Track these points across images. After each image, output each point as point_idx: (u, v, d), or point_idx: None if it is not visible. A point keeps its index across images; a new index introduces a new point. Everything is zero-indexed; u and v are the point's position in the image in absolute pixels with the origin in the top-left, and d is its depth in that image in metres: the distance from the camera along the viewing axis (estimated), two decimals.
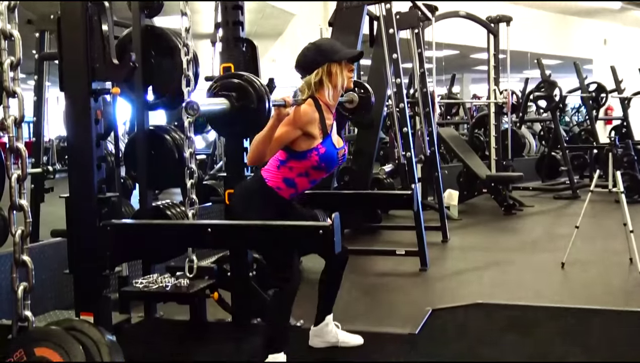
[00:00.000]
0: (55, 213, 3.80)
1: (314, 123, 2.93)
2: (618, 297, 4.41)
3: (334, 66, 2.99)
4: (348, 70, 3.05)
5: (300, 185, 3.01)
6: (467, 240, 6.67)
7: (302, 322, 3.60)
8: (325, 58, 2.98)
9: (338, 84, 3.01)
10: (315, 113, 2.94)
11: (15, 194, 2.44)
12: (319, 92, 3.00)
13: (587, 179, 10.62)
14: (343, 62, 3.01)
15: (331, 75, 2.99)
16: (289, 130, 2.86)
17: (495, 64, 9.06)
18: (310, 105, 2.95)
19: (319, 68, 2.98)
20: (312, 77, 2.99)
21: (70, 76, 2.60)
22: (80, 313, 2.60)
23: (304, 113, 2.90)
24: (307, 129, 2.91)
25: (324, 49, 3.01)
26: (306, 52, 3.04)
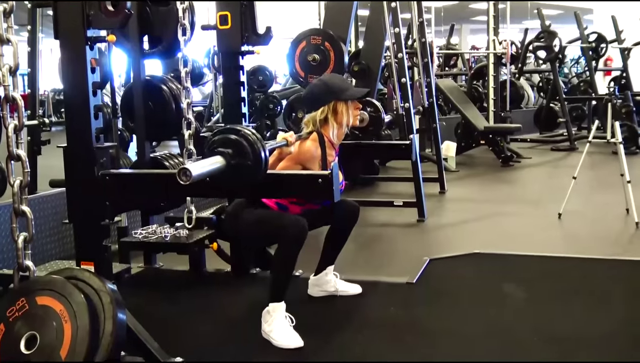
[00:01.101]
0: (53, 166, 3.79)
1: (315, 160, 2.95)
2: (614, 247, 4.45)
3: (340, 105, 2.99)
4: (355, 108, 3.06)
5: (291, 211, 3.02)
6: (464, 191, 6.68)
7: (301, 271, 3.63)
8: (332, 96, 2.99)
9: (344, 122, 3.02)
10: (318, 150, 2.96)
11: (13, 144, 2.42)
12: (323, 128, 3.01)
13: (585, 130, 10.59)
14: (350, 100, 3.00)
15: (337, 113, 3.00)
16: (289, 166, 2.88)
17: (494, 13, 8.94)
18: (315, 140, 2.96)
19: (325, 105, 2.98)
20: (318, 113, 3.00)
21: (64, 24, 2.56)
22: (81, 263, 2.62)
23: (306, 150, 2.92)
24: (307, 165, 2.93)
25: (331, 86, 3.01)
26: (314, 88, 3.05)
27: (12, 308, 2.22)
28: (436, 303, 3.31)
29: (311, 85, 3.10)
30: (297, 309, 2.93)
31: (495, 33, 8.97)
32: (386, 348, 2.79)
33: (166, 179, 2.76)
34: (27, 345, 2.14)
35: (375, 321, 3.09)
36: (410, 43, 8.49)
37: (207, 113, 9.47)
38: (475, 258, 4.07)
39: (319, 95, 3.01)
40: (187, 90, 3.67)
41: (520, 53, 10.42)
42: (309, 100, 3.07)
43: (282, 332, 2.79)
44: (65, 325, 2.13)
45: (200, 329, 3.02)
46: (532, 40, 10.16)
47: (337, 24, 5.66)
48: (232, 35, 3.77)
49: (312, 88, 3.08)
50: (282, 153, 2.80)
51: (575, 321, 3.03)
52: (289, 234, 2.78)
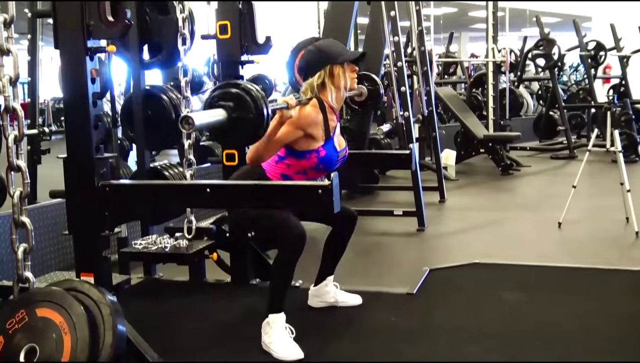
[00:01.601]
0: (53, 175, 3.78)
1: (317, 125, 2.91)
2: (614, 256, 4.44)
3: (336, 68, 2.97)
4: (351, 70, 3.03)
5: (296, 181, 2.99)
6: (464, 200, 6.68)
7: (301, 282, 3.62)
8: (327, 60, 2.96)
9: (341, 86, 2.99)
10: (319, 114, 2.93)
11: (13, 155, 2.42)
12: (322, 94, 2.99)
13: (585, 138, 10.60)
14: (346, 63, 3.00)
15: (334, 77, 2.97)
16: (290, 131, 2.84)
17: (493, 21, 8.96)
18: (315, 106, 2.93)
19: (321, 70, 2.96)
20: (315, 79, 2.97)
21: (65, 34, 2.56)
22: (81, 274, 2.61)
23: (307, 114, 2.88)
24: (310, 130, 2.89)
25: (325, 51, 2.99)
26: (308, 56, 3.03)
27: (11, 320, 2.21)
28: (437, 314, 3.30)
29: (306, 53, 3.05)
30: (297, 320, 2.91)
31: (494, 41, 8.99)
32: (387, 359, 2.78)
33: (166, 190, 2.76)
34: (26, 357, 2.14)
35: (375, 332, 3.08)
36: (410, 51, 8.51)
37: None
38: (475, 268, 4.05)
39: (315, 61, 2.98)
40: (187, 99, 3.68)
41: (519, 61, 10.44)
42: (305, 68, 3.03)
43: (282, 344, 2.78)
44: (65, 337, 2.12)
45: (200, 341, 3.00)
46: (531, 48, 10.18)
47: (336, 32, 5.66)
48: (231, 44, 3.77)
49: (307, 55, 3.04)
50: (282, 116, 2.76)
51: (576, 331, 3.02)
52: (288, 237, 2.78)
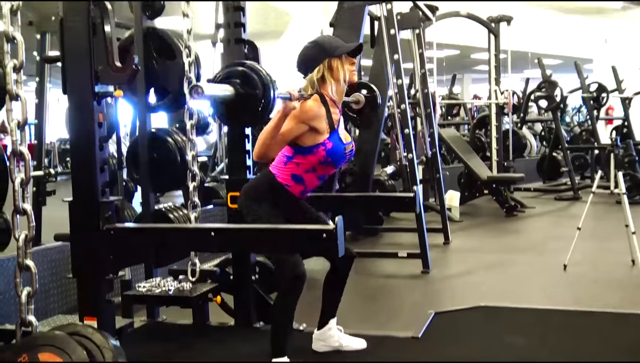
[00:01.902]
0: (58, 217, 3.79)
1: (321, 118, 2.92)
2: (621, 299, 4.40)
3: (334, 61, 2.97)
4: (349, 63, 3.04)
5: (308, 182, 3.00)
6: (469, 242, 6.65)
7: (304, 325, 3.59)
8: (325, 54, 2.97)
9: (340, 78, 2.99)
10: (322, 108, 2.93)
11: (19, 198, 2.43)
12: (322, 88, 2.99)
13: (589, 179, 10.61)
14: (344, 56, 3.00)
15: (333, 70, 2.98)
16: (294, 125, 2.85)
17: (496, 64, 9.05)
18: (316, 100, 2.94)
19: (319, 65, 2.97)
20: (314, 73, 2.97)
21: (73, 79, 2.60)
22: (84, 318, 2.60)
23: (309, 108, 2.89)
24: (314, 123, 2.90)
25: (323, 45, 3.00)
26: (306, 51, 3.03)
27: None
28: (442, 359, 3.25)
29: (303, 49, 3.05)
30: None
31: (496, 83, 9.07)
32: None
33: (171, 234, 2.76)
34: None
35: None
36: (413, 93, 8.58)
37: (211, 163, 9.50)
38: (480, 311, 4.02)
39: (313, 56, 2.98)
40: (193, 142, 3.70)
41: (522, 103, 10.52)
42: (303, 63, 3.02)
43: None
44: None
45: None
46: (533, 90, 10.27)
47: None
48: None
49: (304, 51, 3.03)
50: (286, 108, 2.76)
51: None
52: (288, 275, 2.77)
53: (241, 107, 2.47)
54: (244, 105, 2.46)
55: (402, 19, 6.53)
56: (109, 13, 2.61)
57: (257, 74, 2.47)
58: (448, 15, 8.41)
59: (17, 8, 2.43)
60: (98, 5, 2.60)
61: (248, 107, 2.46)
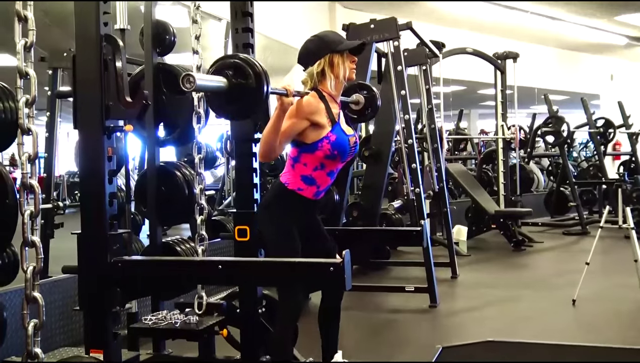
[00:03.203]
0: (65, 249, 3.80)
1: (320, 112, 2.91)
2: (630, 334, 4.36)
3: (336, 57, 2.98)
4: (350, 61, 3.04)
5: (319, 180, 2.98)
6: (476, 276, 6.62)
7: (311, 359, 3.56)
8: (327, 48, 2.98)
9: (340, 75, 3.00)
10: (320, 103, 2.93)
11: (28, 230, 2.45)
12: (321, 83, 3.00)
13: (597, 214, 10.56)
14: (345, 53, 3.01)
15: (333, 66, 2.98)
16: (295, 121, 2.85)
17: (502, 99, 9.10)
18: (314, 96, 2.94)
19: (321, 59, 2.98)
20: (315, 67, 2.98)
21: (84, 113, 2.64)
22: (90, 350, 2.59)
23: (307, 103, 2.89)
24: (314, 118, 2.89)
25: (326, 39, 3.01)
26: (308, 44, 3.04)
27: None
28: None
29: (306, 42, 3.05)
30: None
31: (503, 118, 9.11)
32: None
33: (178, 266, 2.77)
34: None
35: None
36: (420, 128, 8.63)
37: (219, 196, 9.55)
38: (488, 346, 3.99)
39: (315, 50, 2.99)
40: (201, 175, 3.73)
41: (528, 138, 10.54)
42: (305, 56, 3.03)
43: None
44: None
45: None
46: (540, 126, 10.31)
47: None
48: (245, 123, 3.84)
49: (307, 44, 3.04)
50: (283, 103, 2.74)
51: None
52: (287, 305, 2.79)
53: (235, 98, 2.47)
54: (238, 96, 2.46)
55: (409, 55, 6.62)
56: (120, 49, 2.67)
57: (250, 65, 2.48)
58: (454, 52, 8.49)
59: (31, 44, 2.48)
60: (109, 41, 2.65)
61: (242, 98, 2.46)
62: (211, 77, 2.44)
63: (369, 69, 6.07)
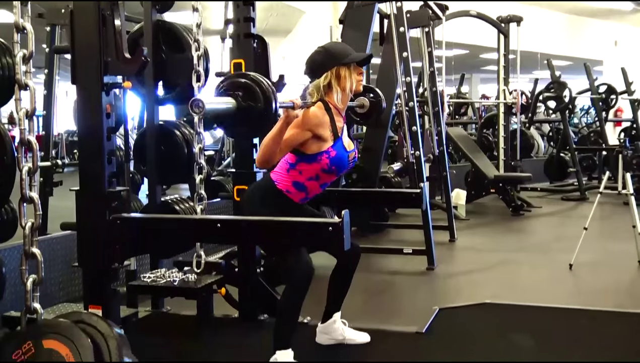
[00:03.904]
0: (64, 207, 3.81)
1: (324, 125, 2.93)
2: (626, 299, 4.39)
3: (342, 69, 2.99)
4: (357, 73, 3.05)
5: (310, 189, 3.01)
6: (474, 240, 6.64)
7: (309, 318, 3.60)
8: (334, 61, 2.98)
9: (347, 87, 3.01)
10: (325, 116, 2.94)
11: (26, 186, 2.45)
12: (328, 95, 3.00)
13: (596, 180, 10.57)
14: (352, 65, 3.02)
15: (340, 79, 2.99)
16: (298, 132, 2.86)
17: (505, 64, 9.01)
18: (320, 108, 2.95)
19: (327, 71, 2.98)
20: (321, 80, 2.99)
21: (82, 70, 2.61)
22: (89, 306, 2.61)
23: (313, 115, 2.90)
24: (317, 131, 2.90)
25: (333, 52, 3.02)
26: (315, 56, 3.04)
27: (18, 351, 2.21)
28: (445, 355, 3.26)
29: (312, 54, 3.06)
30: (305, 357, 2.89)
31: (505, 83, 9.03)
32: None
33: (177, 224, 2.77)
34: None
35: None
36: (421, 91, 8.57)
37: (218, 157, 9.54)
38: (485, 308, 4.02)
39: (322, 62, 3.00)
40: (200, 135, 3.71)
41: (530, 103, 10.47)
42: (311, 68, 3.04)
43: None
44: None
45: None
46: (542, 91, 10.23)
47: None
48: None
49: (313, 56, 3.04)
50: (288, 116, 2.76)
51: None
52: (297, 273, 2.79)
53: (243, 120, 2.46)
54: (246, 118, 2.45)
55: (412, 17, 6.52)
56: (118, 5, 2.63)
57: (259, 86, 2.46)
58: (458, 15, 8.39)
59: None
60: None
61: (250, 120, 2.45)
62: (220, 99, 2.41)
63: (371, 30, 6.00)
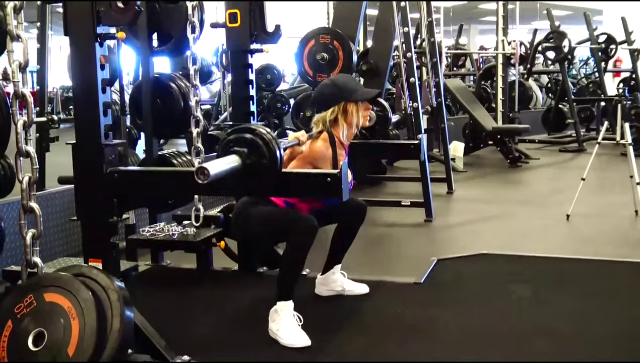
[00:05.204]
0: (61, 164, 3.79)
1: (326, 160, 2.95)
2: (623, 249, 4.42)
3: (350, 105, 2.99)
4: (364, 109, 3.05)
5: (300, 208, 3.01)
6: (472, 192, 6.66)
7: (307, 271, 3.62)
8: (342, 96, 2.98)
9: (353, 123, 3.01)
10: (329, 149, 2.96)
11: (22, 141, 2.42)
12: (333, 128, 3.00)
13: (594, 132, 10.54)
14: (360, 101, 3.00)
15: (347, 114, 2.99)
16: (301, 165, 2.87)
17: (503, 14, 8.89)
18: (325, 140, 2.96)
19: (335, 106, 2.97)
20: (328, 113, 2.99)
21: (75, 21, 2.55)
22: (89, 260, 2.61)
23: (318, 150, 2.93)
24: (319, 164, 2.93)
25: (341, 87, 3.01)
26: (324, 89, 3.05)
27: (20, 305, 2.22)
28: (443, 304, 3.29)
29: (321, 86, 3.09)
30: (305, 308, 2.92)
31: (504, 33, 8.93)
32: (392, 348, 2.78)
33: (174, 177, 2.76)
34: (34, 342, 2.14)
35: (382, 321, 3.08)
36: (419, 42, 8.48)
37: (215, 111, 9.47)
38: (483, 258, 4.05)
39: (329, 96, 3.01)
40: (196, 88, 3.67)
41: (529, 54, 10.36)
42: (319, 101, 3.07)
43: (290, 331, 2.79)
44: (73, 323, 2.13)
45: (207, 328, 3.01)
46: (541, 41, 10.11)
47: (346, 23, 5.66)
48: (241, 33, 3.76)
49: (322, 89, 3.07)
50: (293, 152, 2.79)
51: (581, 321, 3.02)
52: (300, 228, 2.79)
53: (247, 177, 2.42)
54: (254, 172, 2.40)
55: None
56: None
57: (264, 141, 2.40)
58: None
59: None
60: None
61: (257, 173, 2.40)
62: (225, 161, 2.34)
63: None
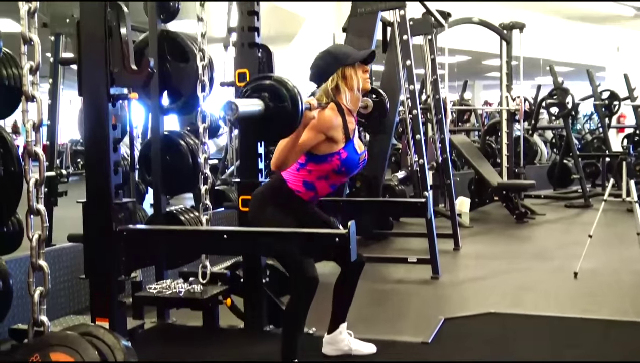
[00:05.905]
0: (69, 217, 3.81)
1: (338, 128, 2.93)
2: (632, 308, 4.37)
3: (348, 69, 2.98)
4: (363, 71, 3.04)
5: (320, 188, 3.02)
6: (479, 248, 6.63)
7: (314, 329, 3.58)
8: (337, 63, 2.98)
9: (354, 86, 3.00)
10: (338, 117, 2.95)
11: (33, 198, 2.44)
12: (337, 97, 3.00)
13: (600, 187, 10.55)
14: (357, 63, 3.01)
15: (346, 79, 2.98)
16: (313, 135, 2.86)
17: (507, 70, 9.02)
18: (333, 109, 2.95)
19: (333, 74, 2.98)
20: (328, 83, 2.98)
21: (89, 81, 2.60)
22: (96, 318, 2.60)
23: (328, 118, 2.90)
24: (331, 133, 2.91)
25: (335, 54, 3.02)
26: (319, 61, 3.04)
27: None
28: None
29: (316, 60, 3.05)
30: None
31: (508, 90, 9.04)
32: None
33: (183, 236, 2.77)
34: None
35: None
36: (424, 98, 8.59)
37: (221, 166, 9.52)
38: (490, 318, 4.01)
39: (326, 66, 2.99)
40: (205, 145, 3.71)
41: (533, 109, 10.47)
42: (317, 73, 3.03)
43: None
44: None
45: None
46: (545, 97, 10.23)
47: None
48: None
49: (317, 62, 3.04)
50: (306, 117, 2.72)
51: None
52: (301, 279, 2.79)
53: (270, 122, 2.45)
54: (274, 120, 2.44)
55: (415, 24, 6.55)
56: (125, 15, 2.63)
57: (285, 87, 2.45)
58: (460, 22, 8.41)
59: (35, 10, 2.44)
60: (114, 7, 2.62)
61: (278, 122, 2.44)
62: (250, 101, 2.40)
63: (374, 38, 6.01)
